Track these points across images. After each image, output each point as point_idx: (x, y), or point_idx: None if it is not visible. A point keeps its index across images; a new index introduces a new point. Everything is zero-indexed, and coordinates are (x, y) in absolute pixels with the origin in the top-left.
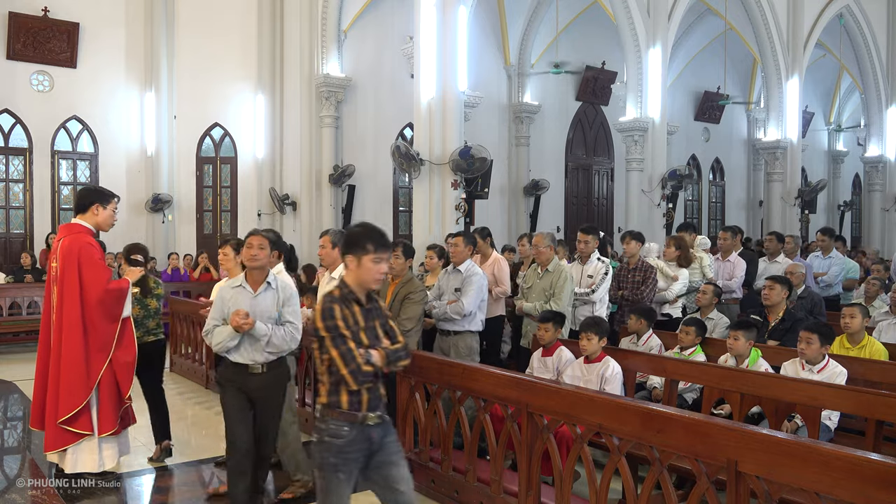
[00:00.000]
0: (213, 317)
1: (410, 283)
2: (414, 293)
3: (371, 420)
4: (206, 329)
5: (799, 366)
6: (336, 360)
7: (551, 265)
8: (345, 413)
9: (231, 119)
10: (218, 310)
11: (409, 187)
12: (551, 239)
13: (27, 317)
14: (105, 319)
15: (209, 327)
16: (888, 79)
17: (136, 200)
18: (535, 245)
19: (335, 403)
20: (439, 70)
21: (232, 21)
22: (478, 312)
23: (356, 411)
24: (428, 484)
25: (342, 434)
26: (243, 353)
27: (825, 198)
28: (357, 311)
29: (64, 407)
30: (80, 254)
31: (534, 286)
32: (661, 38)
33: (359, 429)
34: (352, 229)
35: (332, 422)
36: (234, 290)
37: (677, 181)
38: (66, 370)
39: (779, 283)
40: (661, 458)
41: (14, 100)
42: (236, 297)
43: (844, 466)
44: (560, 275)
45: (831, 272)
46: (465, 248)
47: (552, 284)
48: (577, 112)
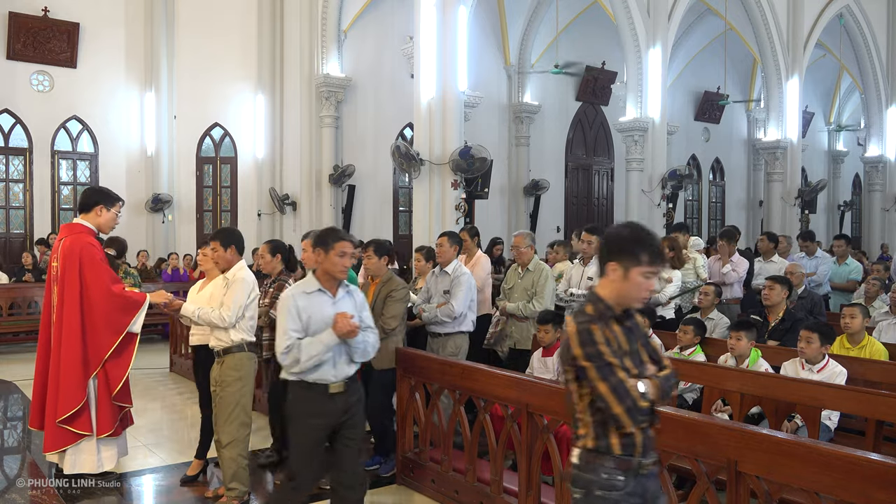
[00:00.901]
0: (291, 329)
1: (391, 281)
2: (395, 291)
3: (645, 468)
4: (285, 346)
5: (799, 366)
6: (605, 395)
7: (532, 264)
8: (618, 459)
9: (231, 119)
10: (294, 320)
11: (409, 187)
12: (531, 239)
13: (27, 317)
14: (107, 325)
15: (291, 343)
16: (888, 79)
17: (136, 200)
18: (515, 246)
19: (605, 448)
20: (439, 70)
21: (232, 21)
22: (468, 313)
23: (630, 456)
24: (428, 484)
25: (618, 485)
26: (334, 368)
27: (825, 198)
28: (618, 331)
29: (63, 406)
30: (81, 254)
31: (515, 286)
32: (661, 38)
33: (633, 478)
34: (619, 230)
35: (603, 471)
36: (309, 297)
37: (677, 181)
38: (65, 370)
39: (779, 283)
40: (661, 458)
41: (14, 100)
42: (315, 303)
43: (844, 466)
44: (541, 274)
45: (820, 271)
46: (450, 248)
47: (534, 283)
48: (577, 112)
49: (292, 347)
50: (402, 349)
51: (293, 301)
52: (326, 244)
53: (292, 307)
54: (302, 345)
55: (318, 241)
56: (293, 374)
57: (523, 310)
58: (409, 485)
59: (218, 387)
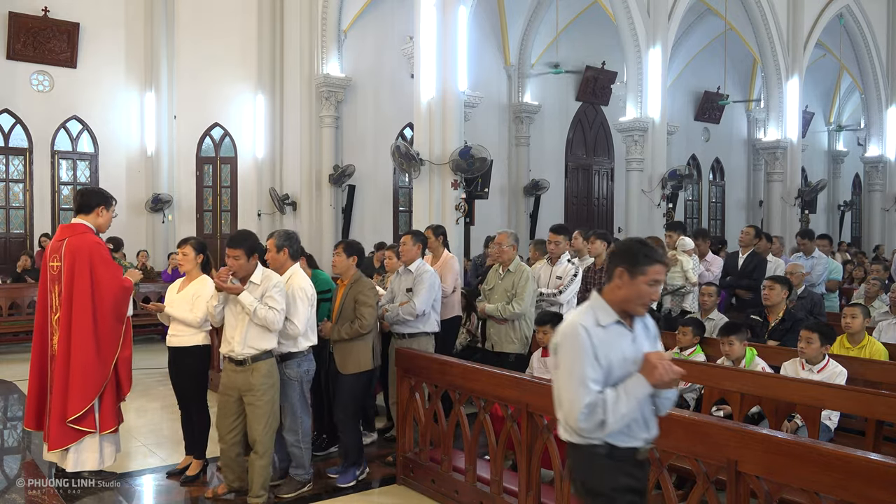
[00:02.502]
0: (590, 378)
1: (359, 282)
2: (363, 293)
3: None
4: (587, 403)
5: (799, 365)
6: None
7: (513, 265)
8: None
9: (231, 119)
10: (591, 364)
11: (409, 187)
12: (514, 239)
13: (27, 317)
14: (115, 318)
15: (592, 399)
16: (888, 79)
17: (136, 200)
18: (498, 243)
19: None
20: (439, 70)
21: (232, 21)
22: (432, 313)
23: None
24: (428, 484)
25: None
26: (647, 426)
27: (825, 198)
28: None
29: (74, 406)
30: (91, 252)
31: (495, 287)
32: (661, 38)
33: None
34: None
35: None
36: (606, 331)
37: (677, 181)
38: (78, 369)
39: (779, 283)
40: (661, 458)
41: (14, 100)
42: (615, 340)
43: (844, 466)
44: (521, 275)
45: (815, 272)
46: (413, 246)
47: (514, 285)
48: (577, 112)
49: (596, 406)
50: (401, 349)
51: (587, 337)
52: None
53: (587, 346)
54: (609, 401)
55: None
56: (610, 432)
57: (503, 311)
58: (409, 485)
59: (249, 394)
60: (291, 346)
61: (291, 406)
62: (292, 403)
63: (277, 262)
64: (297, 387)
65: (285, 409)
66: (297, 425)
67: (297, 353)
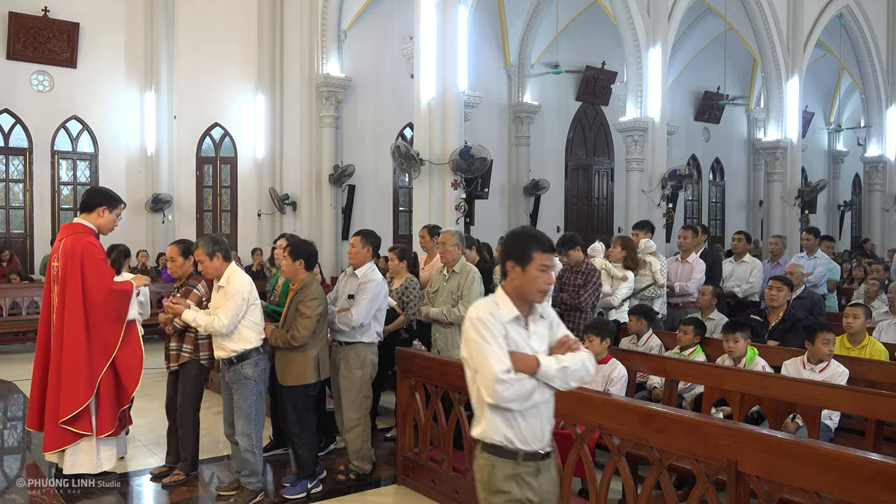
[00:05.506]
0: None
1: (304, 289)
2: (304, 303)
3: None
4: None
5: (800, 365)
6: None
7: (458, 266)
8: None
9: (231, 119)
10: None
11: (409, 187)
12: (459, 238)
13: (27, 317)
14: (109, 320)
15: None
16: (888, 79)
17: (136, 200)
18: (441, 243)
19: None
20: (439, 70)
21: (232, 21)
22: (373, 323)
23: None
24: (428, 484)
25: None
26: None
27: (825, 198)
28: None
29: (66, 407)
30: (82, 253)
31: (440, 290)
32: (661, 38)
33: None
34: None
35: None
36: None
37: (677, 181)
38: (68, 370)
39: (786, 284)
40: (661, 458)
41: (14, 100)
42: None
43: (844, 466)
44: (467, 276)
45: (817, 272)
46: (362, 248)
47: (459, 286)
48: (577, 112)
49: None
50: (401, 349)
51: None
52: None
53: None
54: None
55: None
56: None
57: (448, 315)
58: (409, 485)
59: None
60: (245, 344)
61: (247, 407)
62: (249, 405)
63: (213, 268)
64: (253, 387)
65: (239, 411)
66: (251, 429)
67: (253, 351)
